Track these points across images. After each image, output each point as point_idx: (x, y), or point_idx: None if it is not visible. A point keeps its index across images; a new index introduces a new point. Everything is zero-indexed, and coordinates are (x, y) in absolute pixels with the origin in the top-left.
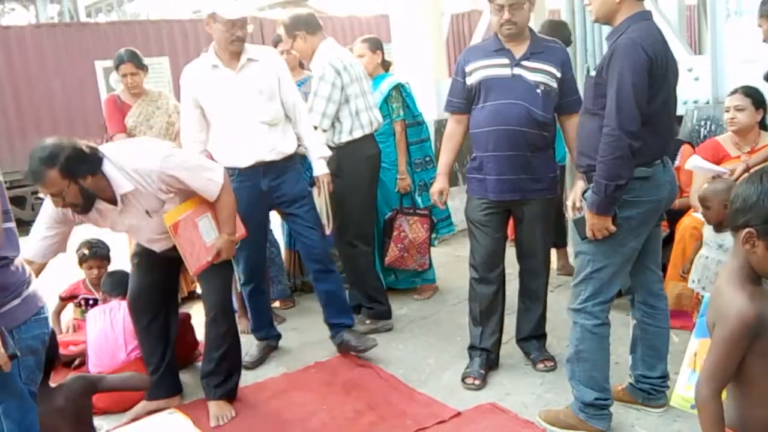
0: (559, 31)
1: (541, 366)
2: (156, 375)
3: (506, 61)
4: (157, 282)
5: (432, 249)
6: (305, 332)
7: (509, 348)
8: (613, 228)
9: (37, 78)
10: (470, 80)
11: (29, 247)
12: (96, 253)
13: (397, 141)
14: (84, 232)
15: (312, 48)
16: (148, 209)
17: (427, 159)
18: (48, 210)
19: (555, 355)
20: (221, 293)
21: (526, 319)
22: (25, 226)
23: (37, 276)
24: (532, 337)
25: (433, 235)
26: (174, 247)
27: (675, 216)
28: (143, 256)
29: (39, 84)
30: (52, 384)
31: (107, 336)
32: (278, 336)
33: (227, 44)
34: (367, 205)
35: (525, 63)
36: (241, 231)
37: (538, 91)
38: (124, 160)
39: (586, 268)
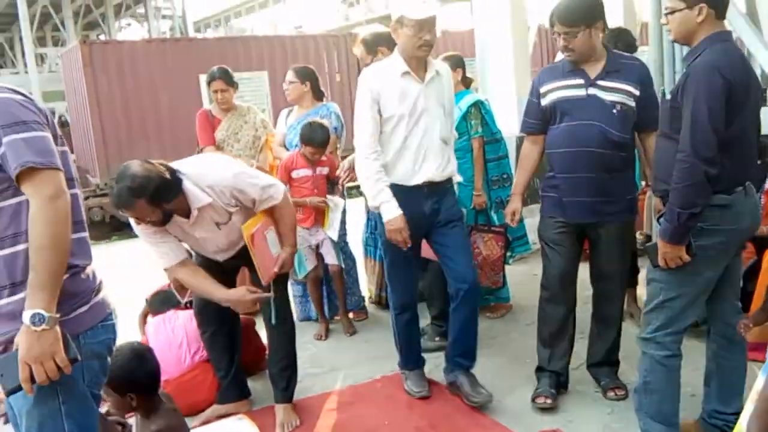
0: (622, 37)
1: (611, 394)
2: (226, 380)
3: (581, 81)
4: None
5: (508, 267)
6: (375, 345)
7: (579, 374)
8: (687, 257)
9: (146, 90)
10: (545, 101)
11: (165, 260)
12: None
13: (474, 158)
14: None
15: None
16: (218, 221)
17: (505, 176)
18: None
19: (627, 383)
20: (280, 298)
21: (599, 344)
22: (126, 229)
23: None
24: (604, 363)
25: (508, 254)
26: (236, 255)
27: (763, 243)
28: (204, 268)
29: (147, 95)
30: None
31: (171, 344)
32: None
33: (414, 50)
34: None
35: (600, 83)
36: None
37: (615, 111)
38: (200, 177)
39: (658, 296)
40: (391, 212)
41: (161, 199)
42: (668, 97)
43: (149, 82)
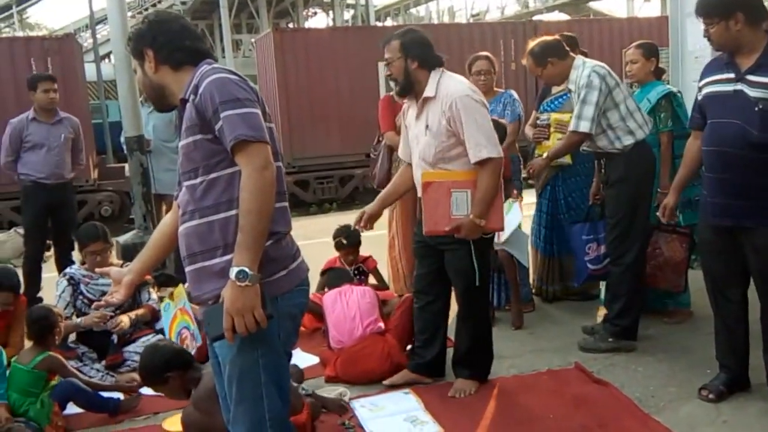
0: None
1: None
2: (423, 351)
3: (731, 75)
4: (432, 269)
5: (691, 272)
6: (541, 338)
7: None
8: None
9: (329, 75)
10: (700, 96)
11: (401, 150)
12: (350, 243)
13: (661, 153)
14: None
15: (562, 72)
16: (429, 124)
17: None
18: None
19: None
20: (466, 277)
21: None
22: (305, 206)
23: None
24: None
25: (693, 257)
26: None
27: None
28: (420, 246)
29: (330, 81)
30: None
31: (345, 315)
32: None
33: None
34: (647, 216)
35: (750, 77)
36: (498, 224)
37: (757, 108)
38: (443, 77)
39: None
40: None
41: (410, 50)
42: None
43: (332, 69)
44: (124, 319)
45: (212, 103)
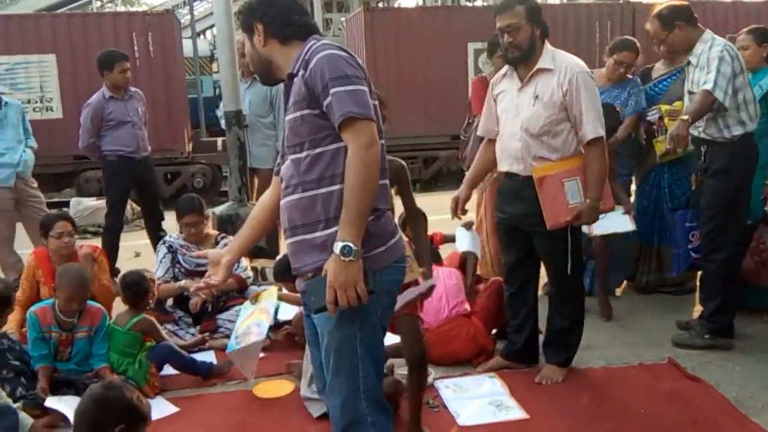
0: None
1: None
2: (514, 337)
3: None
4: (520, 256)
5: None
6: (632, 331)
7: None
8: None
9: (418, 55)
10: None
11: (482, 123)
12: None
13: None
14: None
15: (689, 40)
16: (539, 94)
17: None
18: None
19: None
20: (560, 261)
21: None
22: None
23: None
24: None
25: None
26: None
27: None
28: (505, 232)
29: (419, 61)
30: None
31: (432, 295)
32: None
33: None
34: (746, 210)
35: None
36: (609, 203)
37: None
38: (564, 53)
39: None
40: None
41: (535, 18)
42: None
43: (421, 49)
44: (199, 300)
45: (322, 78)
